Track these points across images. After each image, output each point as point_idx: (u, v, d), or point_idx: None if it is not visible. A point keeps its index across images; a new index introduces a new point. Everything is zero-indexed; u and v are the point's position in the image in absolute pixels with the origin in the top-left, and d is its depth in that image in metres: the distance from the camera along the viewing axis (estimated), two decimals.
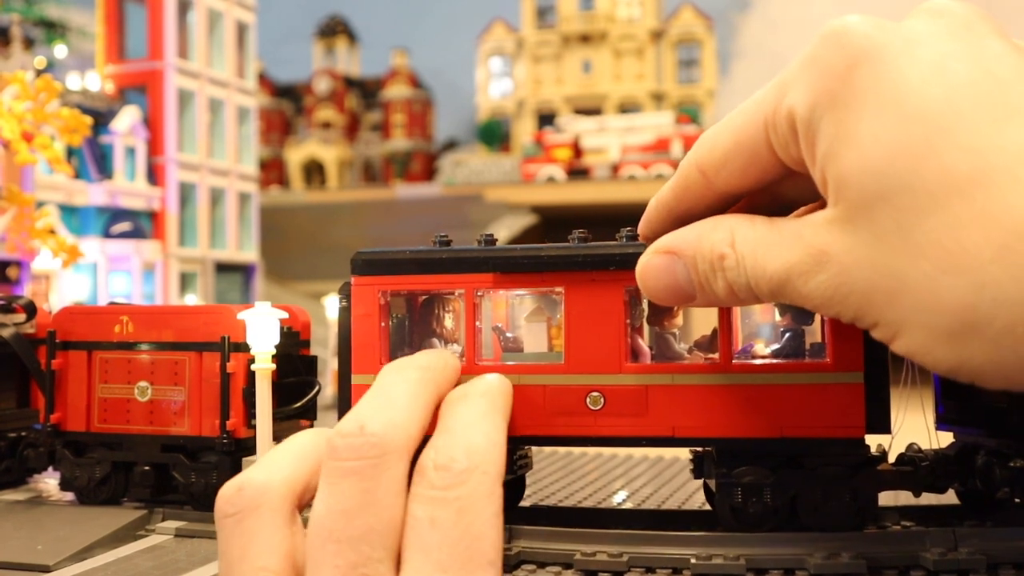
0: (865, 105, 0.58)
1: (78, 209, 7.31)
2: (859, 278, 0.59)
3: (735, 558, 1.05)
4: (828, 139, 0.60)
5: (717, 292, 0.71)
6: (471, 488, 0.61)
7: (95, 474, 1.45)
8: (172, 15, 8.29)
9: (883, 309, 0.59)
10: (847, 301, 0.61)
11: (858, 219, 0.59)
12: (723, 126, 0.71)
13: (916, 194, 0.55)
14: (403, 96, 15.18)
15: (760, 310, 1.13)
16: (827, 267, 0.61)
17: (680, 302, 0.75)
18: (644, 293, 0.76)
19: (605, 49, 13.64)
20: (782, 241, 0.65)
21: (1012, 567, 1.03)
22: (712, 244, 0.70)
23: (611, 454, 2.06)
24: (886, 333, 0.60)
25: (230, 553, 0.62)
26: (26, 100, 3.98)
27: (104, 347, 1.46)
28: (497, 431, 0.68)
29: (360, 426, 0.62)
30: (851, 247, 0.60)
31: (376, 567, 0.58)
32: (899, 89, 0.57)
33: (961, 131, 0.54)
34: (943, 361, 0.57)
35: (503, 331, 1.16)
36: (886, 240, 0.57)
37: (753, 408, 1.05)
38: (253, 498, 0.63)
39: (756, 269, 0.67)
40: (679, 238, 0.73)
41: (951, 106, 0.55)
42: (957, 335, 0.55)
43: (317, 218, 11.86)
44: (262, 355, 1.28)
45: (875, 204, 0.57)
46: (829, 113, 0.60)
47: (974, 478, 1.15)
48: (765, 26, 14.91)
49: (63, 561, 1.22)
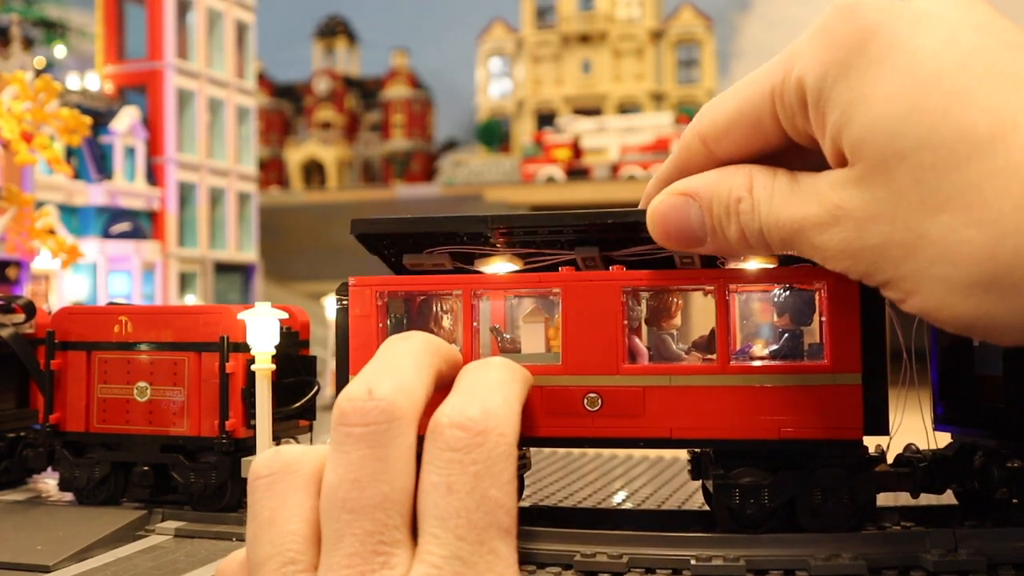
0: (880, 72, 0.59)
1: (78, 209, 7.31)
2: (874, 233, 0.60)
3: (735, 559, 1.05)
4: (841, 105, 0.61)
5: (729, 237, 0.71)
6: (487, 451, 0.60)
7: (94, 474, 1.45)
8: (172, 15, 8.29)
9: (898, 264, 0.60)
10: (859, 256, 0.62)
11: (875, 177, 0.60)
12: (727, 96, 0.72)
13: (935, 151, 0.56)
14: (403, 96, 15.18)
15: (759, 310, 1.13)
16: (842, 222, 0.62)
17: (689, 246, 0.75)
18: (654, 235, 0.76)
19: (605, 49, 13.63)
20: (800, 192, 0.66)
21: (1012, 568, 1.03)
22: (730, 186, 0.70)
23: (611, 455, 2.06)
24: (899, 290, 0.61)
25: (260, 515, 0.63)
26: (26, 100, 3.98)
27: (103, 347, 1.46)
28: (515, 398, 0.68)
29: (368, 390, 0.61)
30: (867, 203, 0.61)
31: (392, 534, 0.58)
32: (914, 56, 0.59)
33: (978, 92, 0.56)
34: (961, 315, 0.58)
35: (501, 332, 1.16)
36: (904, 196, 0.58)
37: (751, 409, 1.05)
38: (288, 463, 0.64)
39: (771, 216, 0.68)
40: (696, 180, 0.73)
41: (966, 70, 0.57)
42: (977, 286, 0.56)
43: (317, 218, 11.85)
44: (261, 355, 1.29)
45: (892, 162, 0.58)
46: (841, 82, 0.61)
47: (972, 479, 1.15)
48: (765, 26, 14.91)
49: (63, 561, 1.22)
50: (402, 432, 0.60)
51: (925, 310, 0.60)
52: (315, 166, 15.01)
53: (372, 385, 0.61)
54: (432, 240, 1.11)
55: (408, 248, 1.14)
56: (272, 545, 0.60)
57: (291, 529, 0.61)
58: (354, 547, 0.58)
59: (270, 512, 0.62)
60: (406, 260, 1.14)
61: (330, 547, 0.59)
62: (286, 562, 0.60)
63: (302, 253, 11.40)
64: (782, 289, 1.07)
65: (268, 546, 0.61)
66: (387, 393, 0.61)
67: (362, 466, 0.59)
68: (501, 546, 0.59)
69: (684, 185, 0.74)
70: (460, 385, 0.68)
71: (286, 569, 0.59)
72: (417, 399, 0.63)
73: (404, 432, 0.60)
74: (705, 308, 1.10)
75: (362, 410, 0.60)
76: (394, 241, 1.14)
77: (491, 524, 0.59)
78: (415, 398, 0.63)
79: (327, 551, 0.59)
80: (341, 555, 0.58)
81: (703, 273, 1.07)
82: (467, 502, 0.58)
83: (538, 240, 1.10)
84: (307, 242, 11.58)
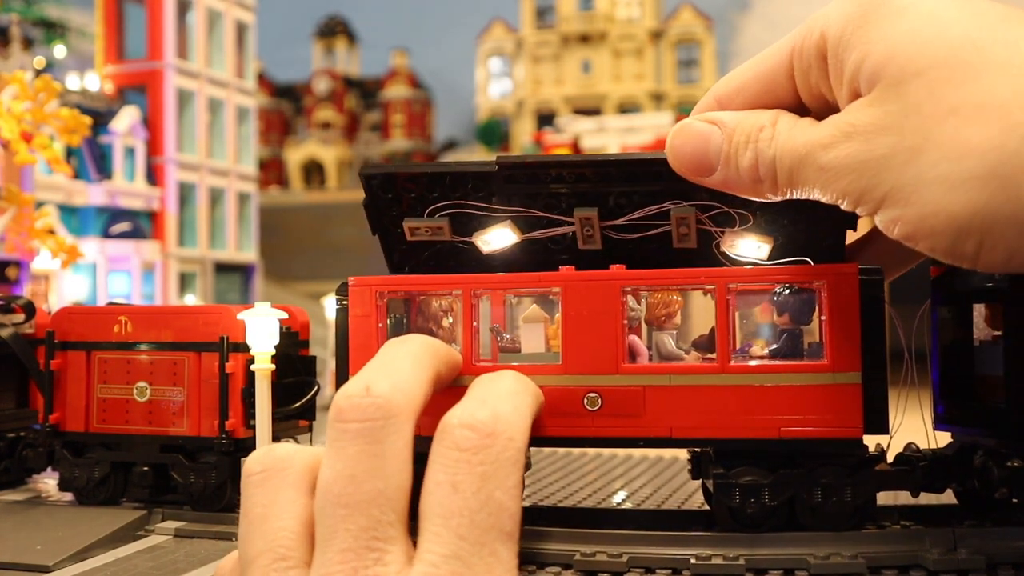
0: (901, 17, 0.63)
1: (77, 209, 7.31)
2: (881, 144, 0.63)
3: (735, 558, 1.05)
4: (861, 45, 0.65)
5: (740, 165, 0.73)
6: (496, 453, 0.60)
7: (94, 474, 1.45)
8: (171, 15, 8.29)
9: (901, 171, 0.62)
10: (863, 168, 0.64)
11: (889, 95, 0.63)
12: (746, 63, 0.77)
13: (953, 68, 0.60)
14: (402, 96, 15.19)
15: (759, 310, 1.13)
16: (852, 138, 0.65)
17: (697, 172, 0.77)
18: (670, 156, 0.79)
19: (604, 49, 13.63)
20: (818, 125, 0.69)
21: (1012, 567, 1.03)
22: (756, 118, 0.73)
23: (610, 454, 2.06)
24: (896, 201, 0.63)
25: (252, 512, 0.63)
26: (25, 100, 3.98)
27: (103, 347, 1.46)
28: (526, 408, 0.69)
29: (366, 387, 0.61)
30: (879, 117, 0.63)
31: (387, 530, 0.58)
32: (934, 10, 0.63)
33: (996, 29, 0.60)
34: (959, 214, 0.59)
35: (500, 331, 1.15)
36: (916, 107, 0.61)
37: (751, 409, 1.05)
38: (280, 460, 0.64)
39: (787, 144, 0.70)
40: (726, 113, 0.76)
41: (984, 21, 0.61)
42: (978, 179, 0.58)
43: (316, 218, 11.86)
44: (261, 355, 1.28)
45: (909, 79, 0.62)
46: (862, 27, 0.65)
47: (972, 478, 1.15)
48: (765, 26, 14.92)
49: (62, 561, 1.22)
50: (399, 429, 0.60)
51: (921, 217, 0.62)
52: (315, 166, 15.01)
53: (370, 383, 0.62)
54: (439, 184, 1.10)
55: (411, 207, 1.12)
56: (264, 541, 0.60)
57: (282, 525, 0.61)
58: (348, 543, 0.57)
59: (262, 508, 0.62)
60: (406, 223, 1.13)
61: (324, 543, 0.58)
62: (277, 558, 0.59)
63: (302, 253, 11.41)
64: (782, 288, 1.07)
65: (260, 542, 0.61)
66: (384, 390, 0.61)
67: (358, 462, 0.59)
68: (502, 549, 0.59)
69: (713, 114, 0.77)
70: (472, 393, 0.68)
71: (277, 565, 0.59)
72: (414, 398, 0.63)
73: (401, 430, 0.60)
74: (705, 308, 1.09)
75: (359, 407, 0.60)
76: (398, 197, 1.12)
77: (494, 526, 0.58)
78: (412, 397, 0.63)
79: (320, 547, 0.58)
80: (334, 551, 0.58)
81: (703, 273, 1.07)
82: (471, 502, 0.58)
83: (543, 192, 1.10)
84: (307, 242, 11.59)
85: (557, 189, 1.09)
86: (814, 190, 0.69)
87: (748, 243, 1.06)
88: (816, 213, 1.02)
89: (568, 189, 1.09)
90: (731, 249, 1.07)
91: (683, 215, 1.06)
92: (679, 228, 1.07)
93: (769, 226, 1.07)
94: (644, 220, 1.08)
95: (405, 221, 1.13)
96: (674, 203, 1.06)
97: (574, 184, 1.08)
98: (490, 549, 0.58)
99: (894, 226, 0.64)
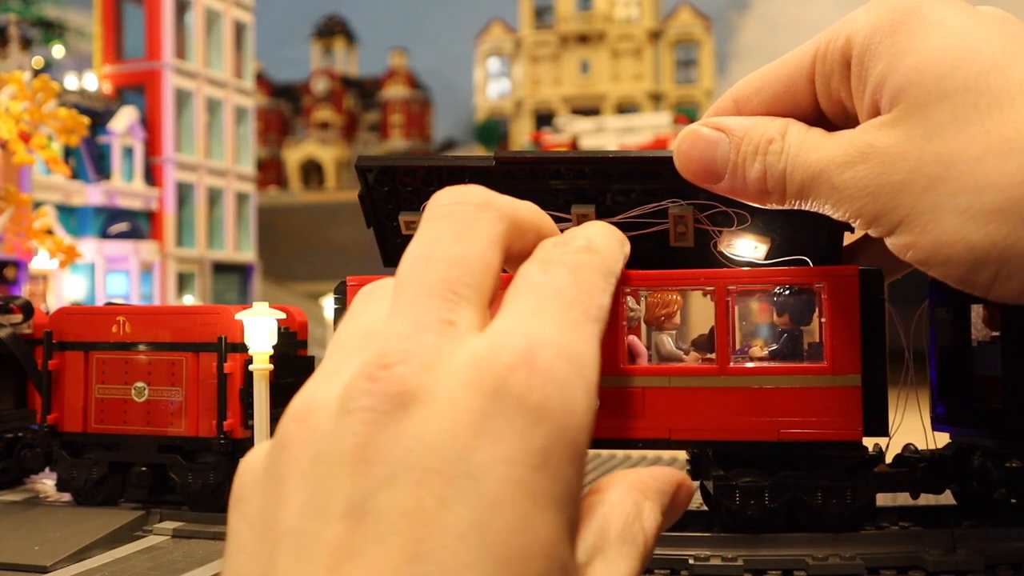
0: (931, 31, 0.62)
1: (76, 209, 7.31)
2: (900, 168, 0.62)
3: (733, 559, 1.05)
4: (888, 56, 0.63)
5: (749, 176, 0.72)
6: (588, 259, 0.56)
7: (92, 475, 1.44)
8: (170, 15, 8.29)
9: (918, 198, 0.61)
10: (879, 193, 0.63)
11: (912, 116, 0.61)
12: (767, 65, 0.74)
13: (980, 94, 0.59)
14: (401, 96, 15.19)
15: (759, 310, 1.13)
16: (870, 159, 0.63)
17: (705, 179, 0.75)
18: (677, 161, 0.77)
19: (603, 49, 13.64)
20: (831, 139, 0.68)
21: (1010, 567, 1.03)
22: (765, 128, 0.72)
23: (610, 454, 2.06)
24: (912, 227, 0.62)
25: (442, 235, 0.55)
26: (23, 100, 3.98)
27: (101, 347, 1.46)
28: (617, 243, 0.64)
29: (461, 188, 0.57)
30: (899, 140, 0.62)
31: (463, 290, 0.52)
32: (966, 28, 0.61)
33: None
34: (976, 245, 0.58)
35: None
36: (939, 132, 0.60)
37: (750, 410, 1.05)
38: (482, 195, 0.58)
39: (798, 158, 0.69)
40: (734, 119, 0.74)
41: (1016, 47, 0.60)
42: (998, 212, 0.57)
43: (315, 218, 11.86)
44: (259, 355, 1.28)
45: (933, 102, 0.60)
46: (890, 37, 0.63)
47: (971, 479, 1.15)
48: (763, 27, 14.93)
49: (60, 562, 1.22)
50: (492, 216, 0.55)
51: (936, 246, 0.60)
52: (313, 166, 15.01)
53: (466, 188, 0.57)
54: (436, 179, 1.09)
55: (407, 201, 1.11)
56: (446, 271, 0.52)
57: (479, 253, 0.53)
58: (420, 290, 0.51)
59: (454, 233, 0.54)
60: (402, 217, 1.12)
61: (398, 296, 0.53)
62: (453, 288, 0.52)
63: (300, 253, 11.41)
64: (782, 289, 1.07)
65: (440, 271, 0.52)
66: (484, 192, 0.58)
67: (445, 231, 0.54)
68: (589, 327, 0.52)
69: (721, 120, 0.75)
70: None
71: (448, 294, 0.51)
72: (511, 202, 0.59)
73: (494, 221, 0.55)
74: (705, 307, 1.09)
75: (458, 191, 0.57)
76: (395, 190, 1.10)
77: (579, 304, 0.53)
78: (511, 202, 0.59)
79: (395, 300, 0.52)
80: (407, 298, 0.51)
81: (703, 273, 1.07)
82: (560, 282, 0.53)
83: (540, 189, 1.09)
84: (305, 242, 11.59)
85: (555, 186, 1.09)
86: (825, 206, 0.68)
87: (745, 243, 1.06)
88: (814, 214, 1.01)
89: (566, 186, 1.08)
90: (728, 249, 1.07)
91: (681, 214, 1.06)
92: (676, 227, 1.07)
93: (767, 226, 1.07)
94: (641, 218, 1.08)
95: (401, 215, 1.13)
96: (672, 201, 1.06)
97: (572, 181, 1.08)
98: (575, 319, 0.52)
99: (907, 251, 0.63)
